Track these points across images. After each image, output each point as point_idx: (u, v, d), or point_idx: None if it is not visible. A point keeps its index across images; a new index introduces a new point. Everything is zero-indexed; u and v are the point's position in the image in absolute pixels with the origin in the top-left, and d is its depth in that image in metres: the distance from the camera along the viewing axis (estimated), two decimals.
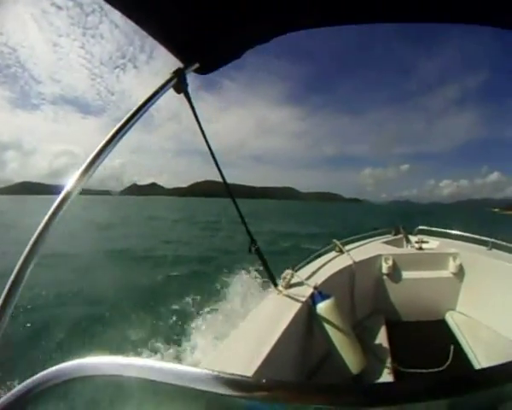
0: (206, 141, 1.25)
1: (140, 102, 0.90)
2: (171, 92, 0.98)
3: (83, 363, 0.46)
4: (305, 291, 1.64)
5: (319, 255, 2.28)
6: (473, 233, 2.83)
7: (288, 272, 1.71)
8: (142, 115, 0.90)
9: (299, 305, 1.52)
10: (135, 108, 0.89)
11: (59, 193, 0.76)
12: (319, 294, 1.60)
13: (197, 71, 1.01)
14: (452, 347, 2.06)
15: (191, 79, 1.02)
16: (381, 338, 2.10)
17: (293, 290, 1.64)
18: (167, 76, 0.95)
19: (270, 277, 1.62)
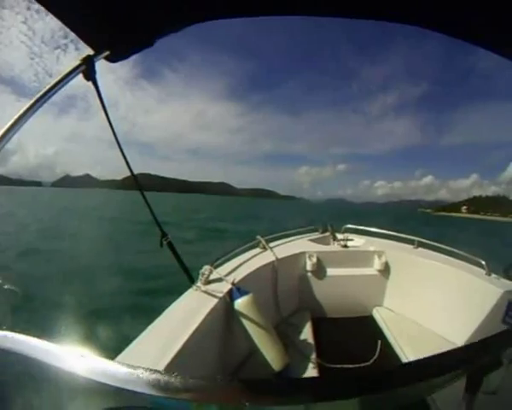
0: (114, 133, 1.17)
1: (46, 87, 0.88)
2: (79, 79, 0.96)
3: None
4: (224, 287, 1.58)
5: (242, 252, 2.20)
6: (403, 232, 2.87)
7: (207, 267, 1.63)
8: (46, 101, 0.87)
9: (215, 300, 1.46)
10: (40, 93, 0.86)
11: None
12: (237, 290, 1.55)
13: (107, 58, 0.99)
14: (379, 342, 2.12)
15: (131, 65, 0.97)
16: (307, 335, 2.08)
17: (211, 286, 1.58)
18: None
19: (186, 273, 1.53)
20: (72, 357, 0.43)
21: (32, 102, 0.84)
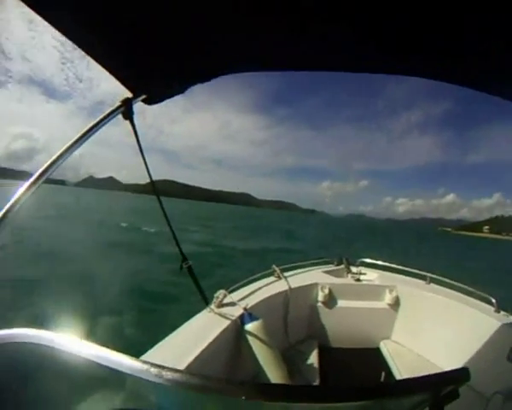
0: (145, 161, 1.27)
1: (90, 125, 0.98)
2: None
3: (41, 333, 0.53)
4: (236, 311, 1.67)
5: (257, 279, 2.30)
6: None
7: (221, 291, 1.74)
8: (89, 137, 0.98)
9: (227, 323, 1.55)
10: (83, 131, 0.96)
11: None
12: (249, 315, 1.64)
13: (144, 101, 1.11)
14: (383, 374, 2.12)
15: None
16: (312, 362, 2.12)
17: (224, 310, 1.67)
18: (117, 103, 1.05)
19: (202, 295, 1.63)
20: (89, 349, 0.50)
21: (77, 137, 0.95)
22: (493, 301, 2.18)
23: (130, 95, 1.06)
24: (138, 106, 1.10)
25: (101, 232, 16.56)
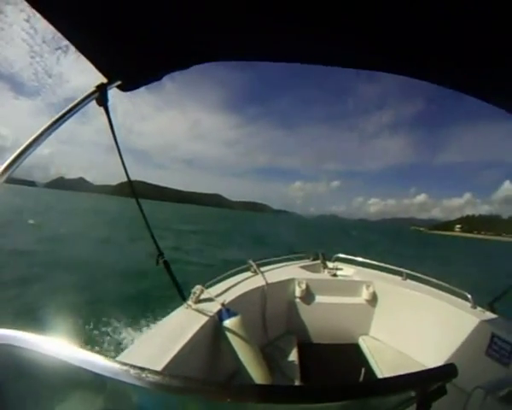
0: (120, 155, 1.25)
1: (62, 111, 0.95)
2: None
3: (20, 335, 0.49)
4: (214, 307, 1.64)
5: (233, 274, 2.26)
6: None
7: (198, 287, 1.70)
8: (62, 124, 0.95)
9: (205, 319, 1.52)
10: (56, 116, 0.94)
11: None
12: (226, 311, 1.61)
13: (119, 87, 1.09)
14: (363, 369, 2.15)
15: None
16: (292, 359, 2.11)
17: (201, 305, 1.64)
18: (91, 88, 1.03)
19: (179, 291, 1.62)
20: (68, 350, 0.47)
21: (48, 123, 0.91)
22: (469, 297, 2.23)
23: (105, 81, 1.03)
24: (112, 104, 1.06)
25: None
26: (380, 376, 2.08)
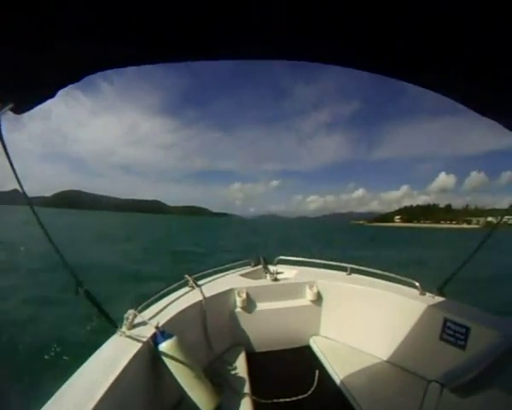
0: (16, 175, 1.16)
1: None
2: None
3: None
4: (148, 332, 1.52)
5: (170, 292, 2.12)
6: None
7: (131, 312, 1.57)
8: None
9: (138, 346, 1.40)
10: None
11: None
12: (161, 333, 1.50)
13: (13, 110, 1.03)
14: (317, 371, 2.13)
15: None
16: (241, 372, 2.03)
17: (135, 331, 1.51)
18: None
19: (108, 319, 1.48)
20: None
21: None
22: (417, 284, 2.24)
23: None
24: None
25: None
26: (333, 374, 2.08)
